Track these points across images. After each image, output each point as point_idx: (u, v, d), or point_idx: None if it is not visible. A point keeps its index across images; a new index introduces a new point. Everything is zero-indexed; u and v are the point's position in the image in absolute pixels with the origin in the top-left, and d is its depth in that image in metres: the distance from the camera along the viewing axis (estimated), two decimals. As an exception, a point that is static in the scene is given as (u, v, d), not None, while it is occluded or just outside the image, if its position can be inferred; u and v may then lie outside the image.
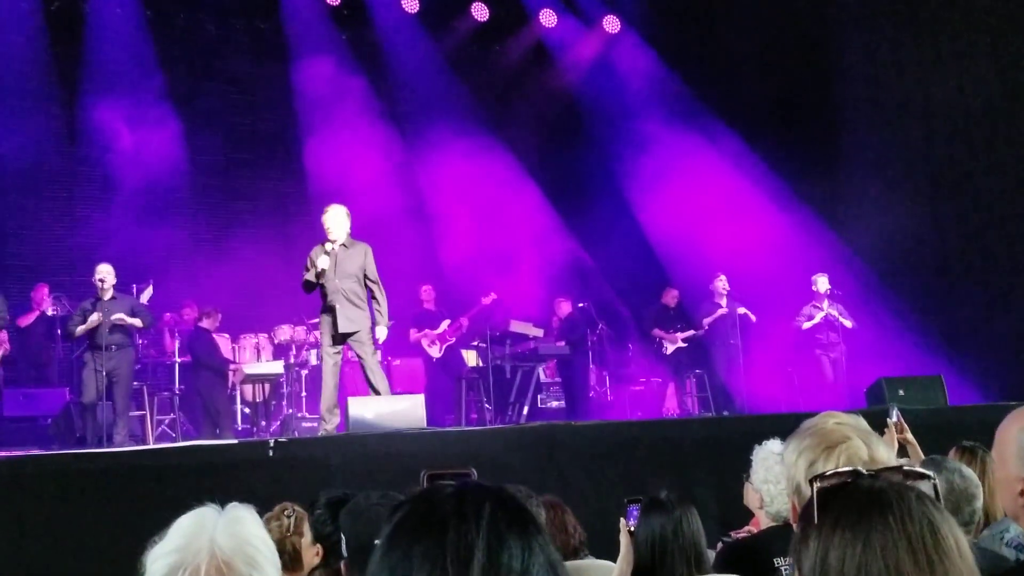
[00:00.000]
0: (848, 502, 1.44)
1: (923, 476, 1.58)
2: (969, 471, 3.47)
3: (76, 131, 12.84)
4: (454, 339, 12.57)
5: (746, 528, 3.97)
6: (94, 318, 9.45)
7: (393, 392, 11.70)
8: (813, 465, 2.01)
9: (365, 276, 8.51)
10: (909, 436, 4.75)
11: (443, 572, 1.16)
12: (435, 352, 12.39)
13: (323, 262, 8.29)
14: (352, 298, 8.38)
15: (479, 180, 13.83)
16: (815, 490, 1.49)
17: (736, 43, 14.51)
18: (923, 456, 4.57)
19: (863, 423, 2.11)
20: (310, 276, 8.38)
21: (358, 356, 8.49)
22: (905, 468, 1.76)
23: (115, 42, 12.92)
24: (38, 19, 12.60)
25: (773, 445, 3.51)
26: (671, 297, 12.83)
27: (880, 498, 1.42)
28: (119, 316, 9.54)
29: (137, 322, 9.80)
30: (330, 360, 8.44)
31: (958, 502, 3.35)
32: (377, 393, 8.32)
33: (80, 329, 9.56)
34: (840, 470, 1.53)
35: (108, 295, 9.59)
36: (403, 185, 13.90)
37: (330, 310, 8.35)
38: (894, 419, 4.78)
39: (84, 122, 12.72)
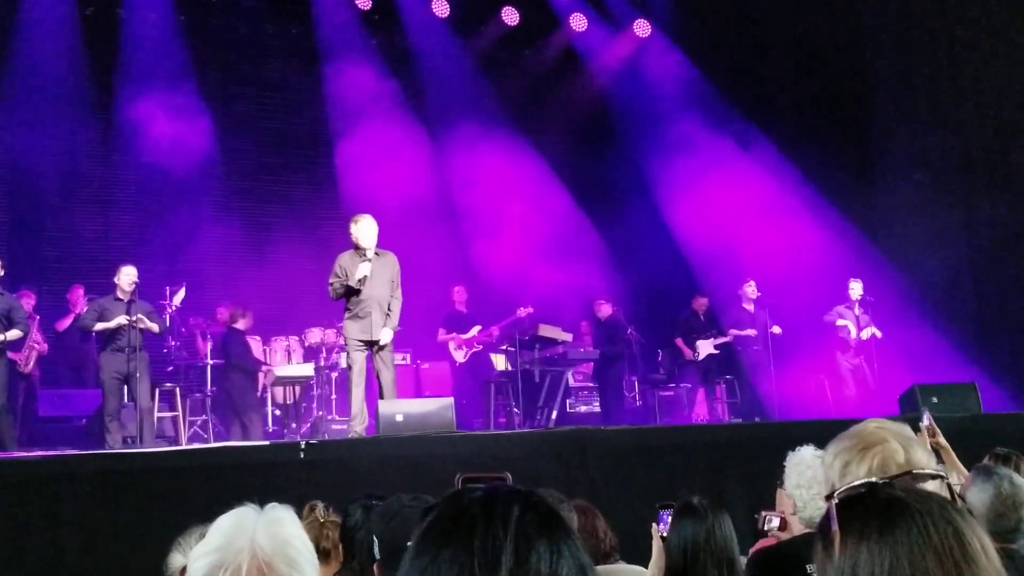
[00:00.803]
0: (870, 513, 1.43)
1: (935, 476, 1.56)
2: (1020, 479, 3.44)
3: (111, 135, 12.96)
4: (481, 347, 12.57)
5: (773, 535, 3.94)
6: (121, 319, 9.50)
7: (422, 395, 11.78)
8: (847, 466, 2.01)
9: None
10: (941, 440, 4.73)
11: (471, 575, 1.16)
12: (460, 357, 12.41)
13: (364, 270, 8.44)
14: (383, 306, 8.56)
15: (509, 183, 13.85)
16: (832, 505, 1.48)
17: (768, 47, 14.46)
18: (957, 460, 4.54)
19: (907, 430, 2.10)
20: (347, 283, 8.49)
21: (379, 367, 8.62)
22: (916, 472, 1.75)
23: (148, 47, 13.03)
24: (73, 25, 12.72)
25: (806, 451, 3.50)
26: (700, 304, 12.79)
27: (902, 507, 1.41)
28: (138, 316, 9.59)
29: (154, 327, 9.84)
30: (358, 364, 8.53)
31: (1005, 508, 3.33)
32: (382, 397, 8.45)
33: (100, 326, 9.56)
34: (854, 483, 1.52)
35: (128, 297, 9.65)
36: (434, 188, 13.93)
37: (364, 317, 8.46)
38: (925, 423, 4.75)
39: (118, 126, 12.84)
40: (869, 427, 2.08)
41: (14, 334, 9.29)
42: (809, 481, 3.36)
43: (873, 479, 1.55)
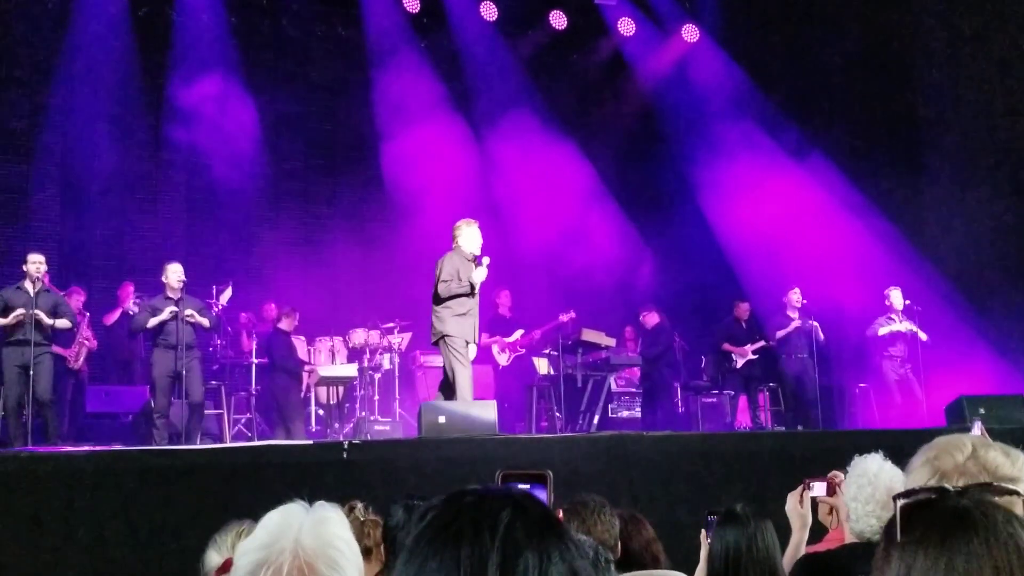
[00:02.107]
0: (932, 521, 1.40)
1: (1012, 492, 1.53)
2: None
3: (161, 135, 13.12)
4: (524, 350, 12.58)
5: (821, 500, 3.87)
6: (166, 314, 9.60)
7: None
8: (934, 459, 1.95)
9: None
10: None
11: None
12: (503, 360, 12.42)
13: (481, 275, 8.66)
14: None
15: (555, 188, 13.86)
16: (898, 507, 1.45)
17: (816, 52, 14.32)
18: None
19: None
20: (461, 288, 8.61)
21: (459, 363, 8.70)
22: (994, 484, 1.71)
23: (199, 48, 13.20)
24: (126, 26, 12.89)
25: (871, 462, 3.42)
26: (742, 310, 12.70)
27: (965, 518, 1.38)
28: (189, 312, 9.70)
29: (205, 321, 9.94)
30: (469, 362, 8.73)
31: None
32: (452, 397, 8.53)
33: (153, 321, 9.66)
34: (926, 486, 1.49)
35: (178, 295, 9.76)
36: (480, 191, 13.95)
37: (471, 318, 8.69)
38: (977, 432, 4.67)
39: (169, 126, 13.00)
40: (954, 436, 2.04)
41: (62, 323, 9.42)
42: (867, 497, 3.30)
43: (946, 486, 1.52)
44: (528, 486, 1.65)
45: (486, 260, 8.73)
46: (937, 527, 1.39)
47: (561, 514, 1.65)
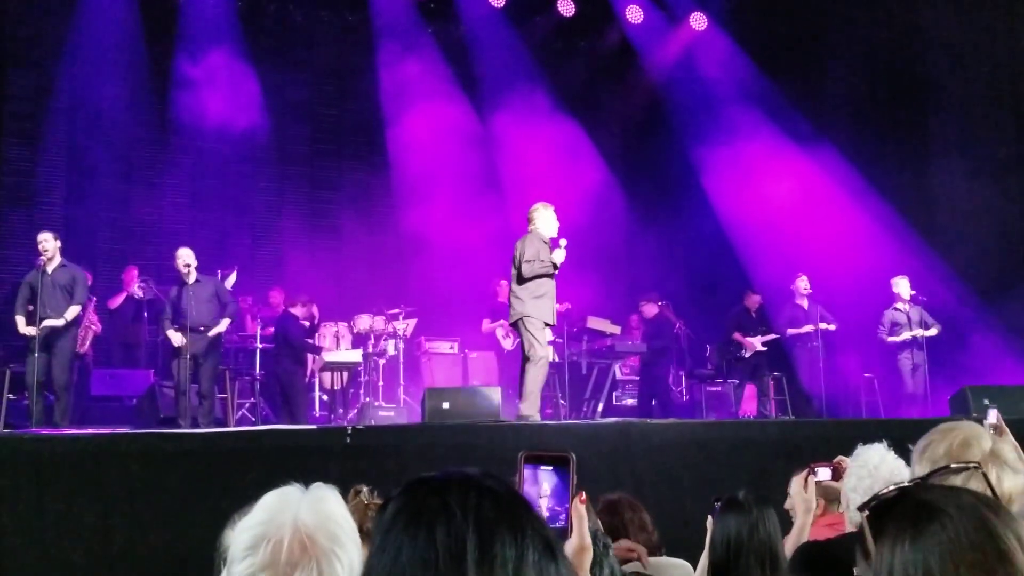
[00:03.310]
0: (903, 519, 1.42)
1: (970, 466, 1.53)
2: None
3: (167, 119, 13.11)
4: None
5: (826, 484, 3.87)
6: (222, 326, 9.69)
7: (469, 384, 11.80)
8: (928, 448, 1.96)
9: None
10: (1009, 438, 4.60)
11: (436, 573, 1.15)
12: (508, 344, 12.40)
13: (561, 256, 8.70)
14: None
15: (562, 176, 13.81)
16: (865, 517, 1.47)
17: (824, 41, 14.29)
18: None
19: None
20: (544, 269, 8.65)
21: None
22: (952, 466, 1.72)
23: (206, 32, 13.17)
24: (133, 10, 12.87)
25: (873, 453, 3.40)
26: (753, 301, 12.65)
27: (933, 510, 1.39)
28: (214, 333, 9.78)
29: (222, 326, 9.94)
30: (546, 345, 8.81)
31: None
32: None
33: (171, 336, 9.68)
34: (887, 489, 1.50)
35: (192, 278, 9.74)
36: (486, 178, 13.95)
37: (549, 300, 8.72)
38: (992, 420, 4.62)
39: (175, 110, 12.99)
40: (964, 421, 2.05)
41: (73, 311, 9.41)
42: (866, 489, 3.29)
43: (904, 484, 1.53)
44: (551, 468, 1.66)
45: (563, 242, 8.76)
46: (908, 522, 1.40)
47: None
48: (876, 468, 3.31)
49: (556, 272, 8.70)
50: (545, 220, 8.96)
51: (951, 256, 12.48)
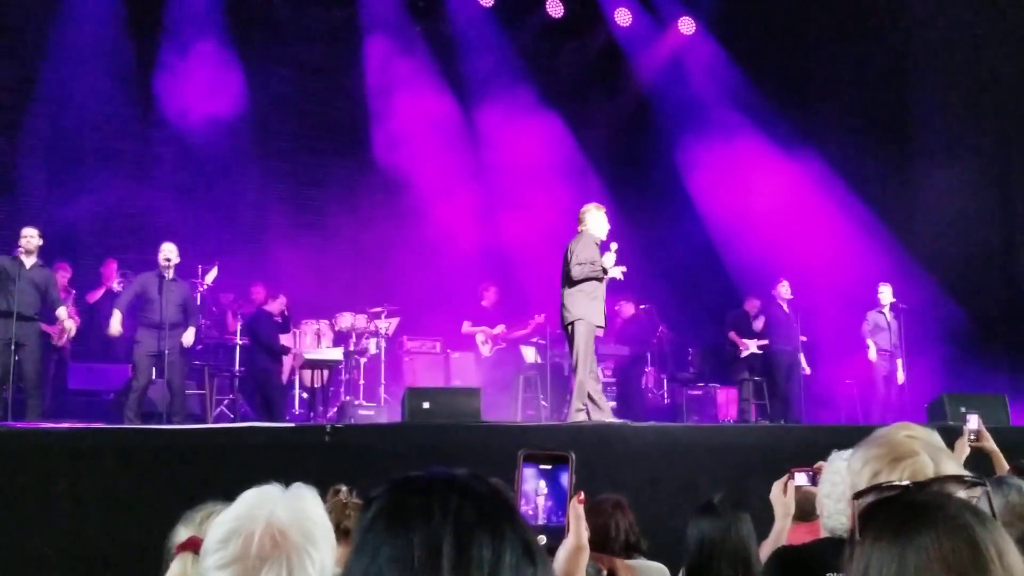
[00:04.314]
0: (889, 516, 1.43)
1: (978, 484, 1.54)
2: None
3: (150, 112, 13.02)
4: (505, 344, 12.53)
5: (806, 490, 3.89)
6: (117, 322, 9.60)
7: (450, 384, 11.79)
8: (876, 476, 1.97)
9: None
10: (989, 445, 4.61)
11: (412, 574, 1.14)
12: (486, 351, 12.38)
13: (611, 260, 8.66)
14: None
15: (549, 177, 13.82)
16: (855, 506, 1.48)
17: (810, 47, 14.36)
18: (1007, 464, 4.45)
19: (936, 438, 2.06)
20: (594, 272, 8.63)
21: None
22: (961, 477, 1.73)
23: (192, 26, 13.08)
24: (118, 3, 12.79)
25: (844, 456, 3.42)
26: (752, 305, 12.70)
27: (920, 511, 1.40)
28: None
29: (189, 337, 9.89)
30: (594, 350, 8.79)
31: (1012, 518, 3.29)
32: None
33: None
34: (887, 483, 1.50)
35: (170, 275, 9.70)
36: (472, 177, 13.94)
37: (600, 303, 8.73)
38: (974, 426, 4.62)
39: (159, 104, 12.91)
40: (899, 435, 2.04)
41: (62, 312, 9.42)
42: (839, 495, 3.29)
43: (907, 483, 1.54)
44: (550, 467, 1.66)
45: (614, 246, 8.75)
46: (893, 522, 1.41)
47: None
48: (848, 471, 3.31)
49: (606, 276, 8.67)
50: (596, 221, 8.90)
51: (932, 263, 12.54)
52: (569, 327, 8.71)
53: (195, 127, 12.82)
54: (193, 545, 2.14)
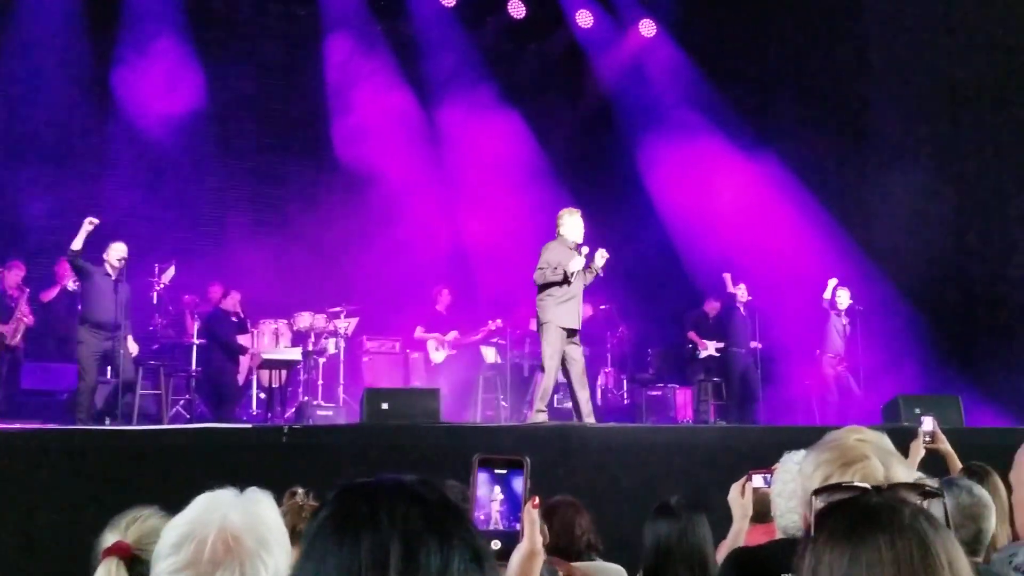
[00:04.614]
0: (842, 518, 1.44)
1: (935, 495, 1.56)
2: (981, 490, 3.43)
3: (107, 109, 12.86)
4: (456, 351, 12.51)
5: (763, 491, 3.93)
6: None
7: (409, 384, 11.76)
8: (828, 479, 1.98)
9: None
10: (943, 446, 4.66)
11: None
12: (438, 357, 12.33)
13: (578, 264, 8.72)
14: (581, 298, 8.97)
15: (510, 178, 13.83)
16: (813, 506, 1.50)
17: (770, 50, 14.48)
18: (960, 465, 4.50)
19: (886, 441, 2.07)
20: (554, 276, 8.68)
21: (573, 355, 8.83)
22: (919, 485, 1.74)
23: (151, 23, 12.93)
24: (75, -2, 12.67)
25: (797, 459, 3.45)
26: (712, 307, 12.76)
27: (873, 515, 1.42)
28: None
29: (134, 348, 9.84)
30: (558, 349, 8.74)
31: (962, 520, 3.32)
32: (573, 388, 8.89)
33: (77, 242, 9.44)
34: (847, 483, 1.52)
35: (116, 275, 9.58)
36: (433, 178, 13.92)
37: (572, 306, 8.77)
38: (929, 428, 4.65)
39: (115, 100, 12.75)
40: (850, 439, 2.06)
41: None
42: (791, 493, 3.32)
43: (866, 485, 1.56)
44: (505, 471, 1.66)
45: (584, 250, 8.82)
46: (845, 524, 1.43)
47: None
48: (799, 474, 3.34)
49: (571, 280, 8.69)
50: (569, 225, 9.01)
51: (888, 265, 12.67)
52: (540, 330, 8.82)
53: (153, 125, 12.68)
54: (119, 550, 2.10)
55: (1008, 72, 11.96)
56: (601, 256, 8.86)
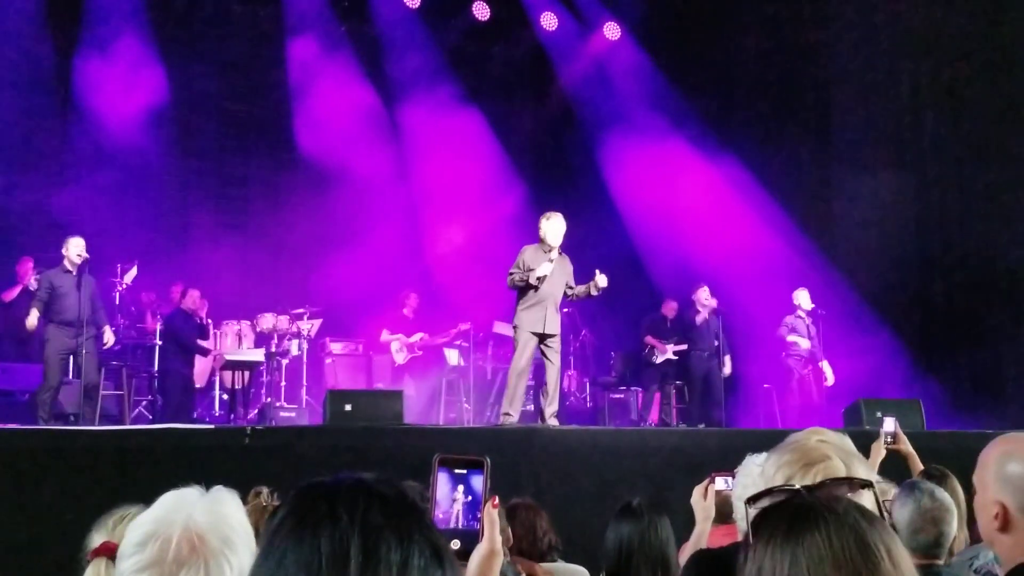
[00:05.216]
0: (780, 518, 1.45)
1: (866, 485, 1.58)
2: (943, 493, 3.47)
3: (68, 108, 12.74)
4: (421, 353, 12.49)
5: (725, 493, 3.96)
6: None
7: (372, 386, 11.73)
8: (790, 481, 2.00)
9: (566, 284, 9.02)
10: (905, 447, 4.70)
11: None
12: (400, 359, 12.30)
13: (545, 269, 8.68)
14: (558, 303, 8.92)
15: (472, 179, 13.84)
16: (748, 511, 1.51)
17: (734, 53, 14.54)
18: (922, 466, 4.55)
19: (848, 443, 2.10)
20: (527, 279, 8.68)
21: (547, 359, 8.79)
22: (850, 479, 1.77)
23: (111, 23, 12.82)
24: (35, -2, 12.53)
25: (758, 462, 3.48)
26: (670, 309, 12.80)
27: (808, 513, 1.43)
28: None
29: (110, 338, 9.79)
30: (528, 354, 8.76)
31: (924, 523, 3.36)
32: (546, 396, 8.79)
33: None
34: (777, 487, 1.53)
35: (76, 270, 9.48)
36: (396, 179, 13.90)
37: (539, 311, 8.70)
38: (891, 428, 4.70)
39: (76, 99, 12.63)
40: (811, 441, 2.07)
41: None
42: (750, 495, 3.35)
43: (796, 486, 1.58)
44: (465, 471, 1.68)
45: (553, 254, 8.82)
46: (783, 524, 1.44)
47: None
48: (760, 475, 3.37)
49: (538, 284, 8.67)
50: (547, 229, 8.99)
51: (848, 269, 12.77)
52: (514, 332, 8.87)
53: (115, 124, 12.57)
54: (107, 550, 2.11)
55: (970, 76, 12.09)
56: (602, 279, 8.94)
